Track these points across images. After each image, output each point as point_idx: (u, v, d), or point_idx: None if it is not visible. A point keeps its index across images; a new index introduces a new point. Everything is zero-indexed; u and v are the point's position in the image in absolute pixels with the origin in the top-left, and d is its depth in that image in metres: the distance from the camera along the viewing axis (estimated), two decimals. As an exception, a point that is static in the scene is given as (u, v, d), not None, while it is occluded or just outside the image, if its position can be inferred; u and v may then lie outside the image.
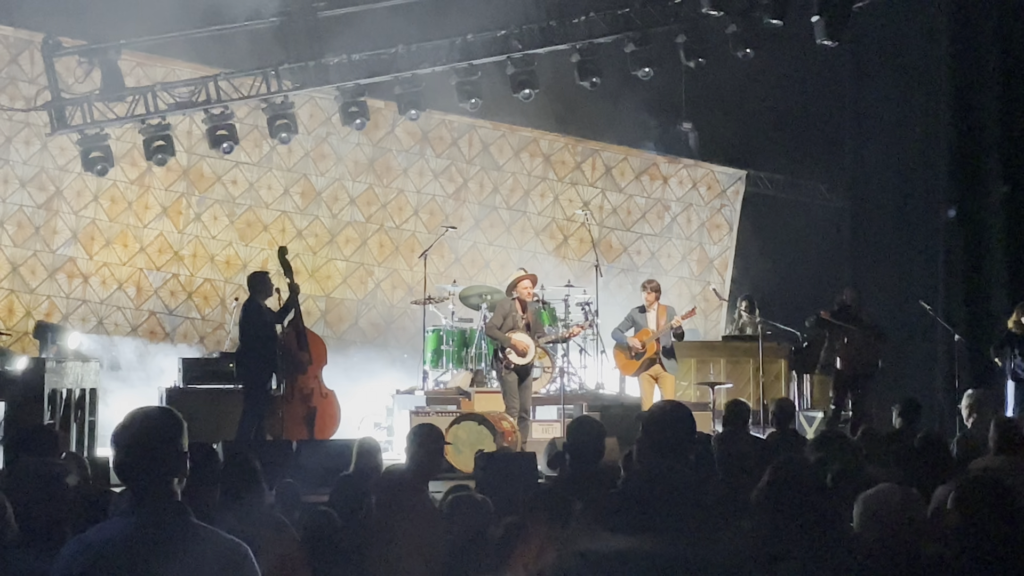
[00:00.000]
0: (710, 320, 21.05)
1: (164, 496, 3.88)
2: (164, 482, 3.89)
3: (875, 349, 16.17)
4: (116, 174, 18.37)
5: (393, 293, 20.31)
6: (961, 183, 20.66)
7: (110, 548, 3.81)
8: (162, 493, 3.88)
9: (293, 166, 19.86)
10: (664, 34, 17.49)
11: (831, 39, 17.45)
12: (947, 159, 20.91)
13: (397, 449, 16.38)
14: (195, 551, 3.79)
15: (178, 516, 3.89)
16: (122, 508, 3.96)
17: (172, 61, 18.38)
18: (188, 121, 18.65)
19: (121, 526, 3.87)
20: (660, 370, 15.20)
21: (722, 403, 14.85)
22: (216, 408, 14.96)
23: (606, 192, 21.65)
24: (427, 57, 17.23)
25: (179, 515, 3.89)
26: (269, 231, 19.68)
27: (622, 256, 21.41)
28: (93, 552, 3.82)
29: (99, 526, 3.95)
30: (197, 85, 17.24)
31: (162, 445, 3.91)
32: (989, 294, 19.43)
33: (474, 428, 13.51)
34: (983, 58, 20.56)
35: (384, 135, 20.27)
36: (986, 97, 20.56)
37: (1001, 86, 20.37)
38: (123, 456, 3.95)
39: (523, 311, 14.60)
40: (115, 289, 18.94)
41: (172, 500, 3.89)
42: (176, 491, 3.91)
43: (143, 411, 4.03)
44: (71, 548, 3.90)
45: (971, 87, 20.64)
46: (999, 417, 9.08)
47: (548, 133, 21.24)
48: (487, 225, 20.95)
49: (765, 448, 10.35)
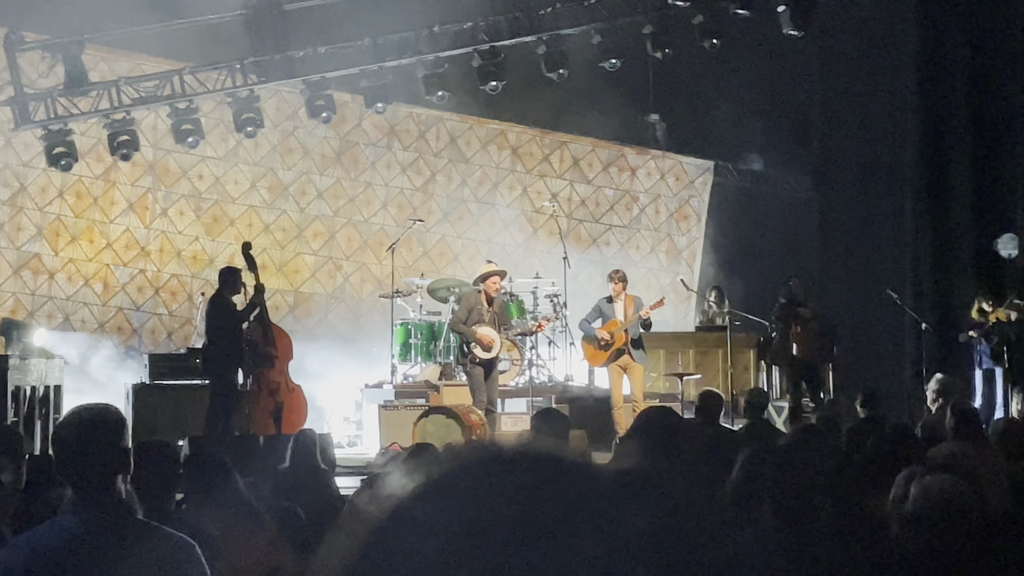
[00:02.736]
0: (679, 311, 21.05)
1: (107, 495, 3.82)
2: (106, 481, 3.83)
3: (827, 338, 16.24)
4: (81, 169, 18.26)
5: (362, 287, 20.26)
6: (928, 173, 20.77)
7: (51, 549, 3.74)
8: (104, 492, 3.82)
9: (260, 160, 19.79)
10: (631, 25, 17.48)
11: (797, 29, 17.49)
12: (914, 149, 21.01)
13: (366, 443, 16.38)
14: (139, 549, 3.74)
15: (121, 514, 3.83)
16: (64, 508, 3.91)
17: (137, 55, 18.26)
18: (153, 116, 18.53)
19: (63, 526, 3.81)
20: (629, 360, 15.19)
21: (691, 394, 14.86)
22: (183, 404, 14.94)
23: (574, 184, 21.64)
24: (393, 50, 17.17)
25: (122, 513, 3.84)
26: (236, 225, 19.60)
27: (591, 248, 21.40)
28: (33, 553, 3.75)
29: (40, 527, 3.90)
30: (162, 79, 17.14)
31: (102, 443, 3.85)
32: (956, 283, 19.54)
33: (442, 421, 13.49)
34: (950, 49, 20.65)
35: (351, 128, 20.20)
36: (953, 88, 20.66)
37: (968, 77, 20.48)
38: (63, 455, 3.90)
39: (489, 304, 14.58)
40: (81, 285, 18.83)
41: (115, 498, 3.84)
42: (120, 489, 3.85)
43: (82, 409, 3.98)
44: (10, 550, 3.85)
45: (938, 78, 20.74)
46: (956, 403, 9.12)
47: (516, 125, 21.21)
48: (455, 218, 20.91)
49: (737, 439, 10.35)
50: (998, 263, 18.84)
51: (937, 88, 20.72)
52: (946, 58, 20.64)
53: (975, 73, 20.39)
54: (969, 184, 20.37)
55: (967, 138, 20.42)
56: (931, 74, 20.75)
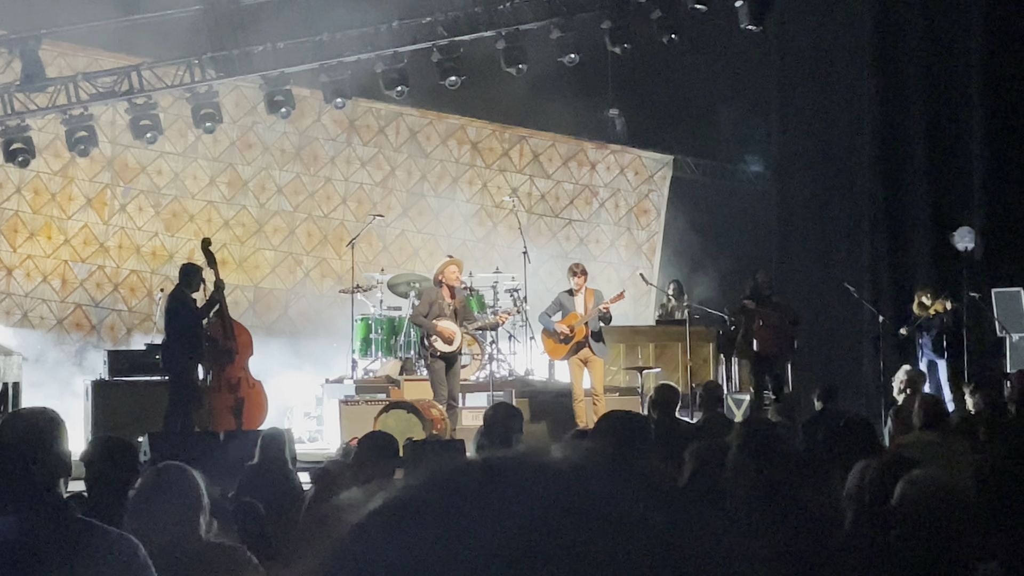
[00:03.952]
0: (639, 305, 21.14)
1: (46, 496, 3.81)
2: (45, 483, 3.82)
3: (789, 331, 16.34)
4: (39, 165, 18.16)
5: (322, 282, 20.23)
6: (885, 166, 20.92)
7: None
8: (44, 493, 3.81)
9: (219, 156, 19.73)
10: (590, 20, 17.53)
11: (755, 24, 17.59)
12: (871, 144, 21.15)
13: (327, 438, 16.37)
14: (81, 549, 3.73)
15: (61, 515, 3.82)
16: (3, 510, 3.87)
17: (94, 51, 18.17)
18: (111, 111, 18.44)
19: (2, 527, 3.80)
20: (589, 354, 15.23)
21: (650, 387, 14.92)
22: (143, 400, 14.87)
23: (534, 179, 21.69)
24: (352, 45, 17.16)
25: (62, 514, 3.83)
26: (195, 221, 19.54)
27: (551, 242, 21.44)
28: None
29: None
30: (120, 75, 17.07)
31: (41, 447, 3.84)
32: (913, 276, 19.68)
33: (403, 416, 13.51)
34: (906, 43, 20.80)
35: (310, 123, 20.17)
36: (909, 82, 20.80)
37: (924, 71, 20.63)
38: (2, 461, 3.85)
39: (450, 298, 14.60)
40: (40, 282, 18.73)
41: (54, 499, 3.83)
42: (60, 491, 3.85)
43: (19, 413, 3.97)
44: None
45: (894, 72, 20.89)
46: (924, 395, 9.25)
47: (475, 120, 21.23)
48: (415, 213, 20.91)
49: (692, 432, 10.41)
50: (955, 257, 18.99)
51: (894, 82, 20.87)
52: (903, 52, 20.78)
53: (931, 67, 20.55)
54: (926, 178, 20.53)
55: (924, 132, 20.58)
56: (888, 68, 20.90)
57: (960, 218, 19.01)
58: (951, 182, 20.32)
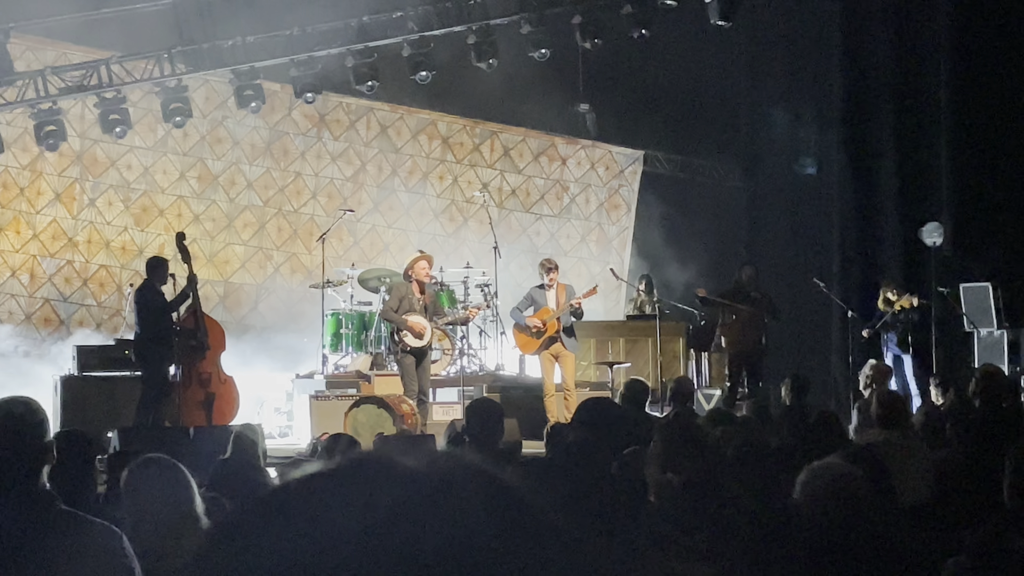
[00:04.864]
0: (609, 300, 21.16)
1: (30, 485, 3.82)
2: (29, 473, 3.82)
3: (761, 327, 16.40)
4: (7, 160, 18.08)
5: (292, 277, 20.19)
6: (854, 163, 21.01)
7: None
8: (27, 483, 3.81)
9: (189, 150, 19.66)
10: (560, 15, 17.55)
11: (725, 20, 17.64)
12: (840, 139, 21.24)
13: (297, 434, 16.34)
14: (65, 539, 3.74)
15: (45, 504, 3.83)
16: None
17: (63, 45, 18.08)
18: (80, 105, 18.36)
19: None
20: (561, 348, 15.24)
21: (621, 382, 14.95)
22: (113, 396, 14.80)
23: (505, 174, 21.69)
24: (322, 39, 17.14)
25: (46, 503, 3.83)
26: (165, 216, 19.47)
27: (522, 237, 21.46)
28: None
29: None
30: (89, 69, 17.01)
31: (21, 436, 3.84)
32: (882, 271, 19.76)
33: (374, 411, 13.50)
34: (875, 40, 20.88)
35: (281, 118, 20.12)
36: (877, 78, 20.90)
37: (892, 67, 20.71)
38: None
39: (421, 293, 14.60)
40: (8, 277, 18.63)
41: (38, 489, 3.83)
42: (43, 480, 3.85)
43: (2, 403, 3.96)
44: None
45: (863, 68, 20.98)
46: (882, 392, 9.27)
47: (446, 115, 21.22)
48: (386, 208, 20.89)
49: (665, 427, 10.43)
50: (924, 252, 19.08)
51: (862, 78, 20.96)
52: (871, 48, 20.87)
53: (900, 63, 20.63)
54: (895, 174, 20.62)
55: (892, 127, 20.66)
56: (856, 64, 20.99)
57: (929, 213, 19.09)
58: (920, 177, 20.40)
